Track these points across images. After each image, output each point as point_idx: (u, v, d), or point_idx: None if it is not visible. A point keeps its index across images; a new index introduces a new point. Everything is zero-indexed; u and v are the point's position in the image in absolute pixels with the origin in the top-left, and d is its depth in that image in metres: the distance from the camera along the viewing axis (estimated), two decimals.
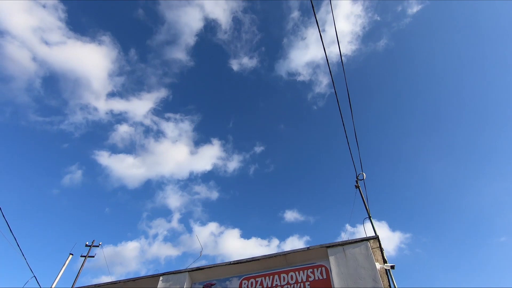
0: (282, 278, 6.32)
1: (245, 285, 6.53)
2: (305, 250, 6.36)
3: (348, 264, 5.76)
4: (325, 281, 5.91)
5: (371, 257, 5.68)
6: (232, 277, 6.82)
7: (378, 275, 5.40)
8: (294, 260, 6.45)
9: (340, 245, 6.11)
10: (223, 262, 6.99)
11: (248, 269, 6.74)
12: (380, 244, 6.06)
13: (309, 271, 6.20)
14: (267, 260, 6.61)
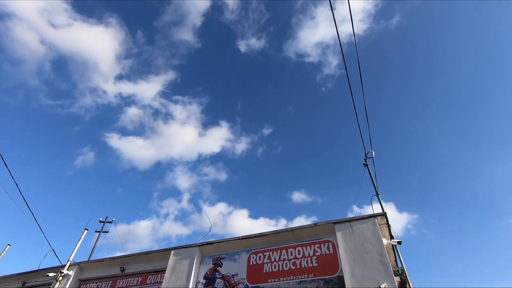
0: (289, 253, 6.48)
1: (253, 259, 6.72)
2: (312, 226, 6.45)
3: (355, 239, 5.84)
4: (331, 256, 6.03)
5: (378, 233, 5.74)
6: (240, 251, 7.02)
7: (385, 250, 5.47)
8: (301, 236, 6.57)
9: (348, 221, 6.17)
10: (232, 237, 7.18)
11: (257, 243, 6.91)
12: (387, 221, 6.10)
13: (316, 246, 6.33)
14: (275, 235, 6.75)
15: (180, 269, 7.06)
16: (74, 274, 8.61)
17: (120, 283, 8.12)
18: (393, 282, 5.01)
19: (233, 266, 6.80)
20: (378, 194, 7.27)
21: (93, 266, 8.82)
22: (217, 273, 6.86)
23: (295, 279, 5.97)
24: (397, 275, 5.97)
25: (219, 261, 7.08)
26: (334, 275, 5.71)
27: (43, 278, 9.16)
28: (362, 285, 5.15)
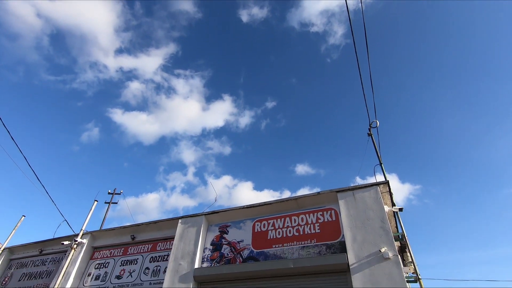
0: (293, 220, 6.67)
1: (258, 226, 6.96)
2: (315, 194, 6.58)
3: (357, 206, 5.97)
4: (334, 222, 6.21)
5: (380, 200, 5.84)
6: (245, 220, 7.25)
7: (386, 217, 5.60)
8: (304, 204, 6.72)
9: (350, 190, 6.27)
10: (237, 206, 7.38)
11: (261, 212, 7.11)
12: (389, 189, 6.18)
13: (319, 214, 6.49)
14: (279, 204, 6.92)
15: (188, 236, 7.36)
16: (88, 242, 9.05)
17: (131, 250, 8.54)
18: (393, 247, 5.18)
19: (239, 233, 7.07)
20: (381, 164, 7.31)
21: (105, 235, 9.23)
22: (223, 240, 7.15)
23: (298, 245, 6.20)
24: (397, 240, 6.16)
25: (225, 228, 7.35)
26: (336, 241, 5.91)
27: (59, 246, 9.64)
28: (363, 249, 5.34)
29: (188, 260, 6.87)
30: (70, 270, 8.46)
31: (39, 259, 10.14)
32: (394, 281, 4.80)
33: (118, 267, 8.31)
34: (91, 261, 8.95)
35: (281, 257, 6.15)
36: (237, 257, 6.65)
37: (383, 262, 5.04)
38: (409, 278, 5.72)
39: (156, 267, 7.71)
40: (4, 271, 10.70)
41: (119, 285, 7.87)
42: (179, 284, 6.53)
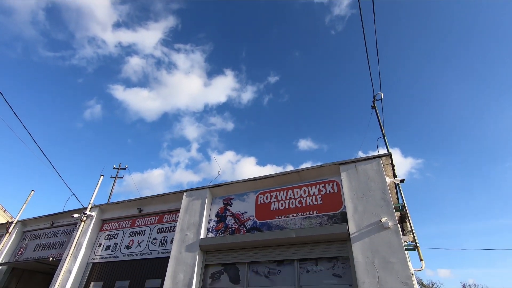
0: (295, 192, 6.79)
1: (261, 199, 7.11)
2: (317, 167, 6.64)
3: (359, 178, 6.03)
4: (336, 194, 6.31)
5: (382, 172, 5.89)
6: (249, 192, 7.39)
7: (387, 188, 5.67)
8: (307, 177, 6.80)
9: (352, 162, 6.31)
10: (241, 179, 7.50)
11: (264, 185, 7.23)
12: (392, 161, 6.20)
13: (321, 186, 6.59)
14: (282, 177, 7.01)
15: (193, 208, 7.56)
16: (96, 215, 9.35)
17: (139, 222, 8.83)
18: (393, 217, 5.30)
19: (242, 205, 7.24)
20: (384, 136, 7.28)
21: (113, 208, 9.51)
22: (227, 212, 7.34)
23: (301, 216, 6.36)
24: (397, 210, 6.29)
25: (229, 201, 7.52)
26: (337, 211, 6.04)
27: (69, 219, 9.99)
28: (363, 219, 5.48)
29: (194, 231, 7.12)
30: (82, 241, 8.82)
31: (51, 231, 10.56)
32: (393, 249, 4.96)
33: (127, 238, 8.65)
34: (100, 232, 9.30)
35: (283, 227, 6.34)
36: (241, 227, 6.87)
37: (383, 231, 5.18)
38: (407, 246, 5.91)
39: (164, 237, 8.01)
40: (18, 243, 11.20)
41: (129, 254, 8.23)
42: (186, 253, 6.81)
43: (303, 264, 5.85)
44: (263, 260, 6.22)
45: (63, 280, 8.15)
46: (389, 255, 4.94)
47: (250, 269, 6.28)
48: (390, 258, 4.91)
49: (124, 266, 8.08)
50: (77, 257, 8.49)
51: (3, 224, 12.46)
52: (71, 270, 8.27)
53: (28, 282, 11.22)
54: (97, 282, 8.22)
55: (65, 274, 8.24)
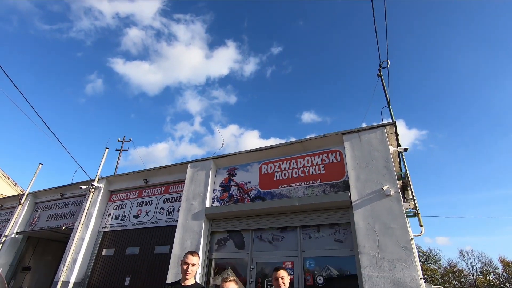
0: (298, 162, 6.85)
1: (264, 169, 7.19)
2: (321, 137, 6.62)
3: (362, 147, 6.03)
4: (338, 164, 6.36)
5: (385, 141, 5.87)
6: (252, 163, 7.46)
7: (391, 157, 5.68)
8: (310, 147, 6.81)
9: (356, 132, 6.28)
10: (244, 150, 7.54)
11: (267, 155, 7.28)
12: (396, 130, 6.15)
13: (324, 156, 6.62)
14: (285, 147, 7.03)
15: (197, 179, 7.70)
16: (104, 186, 9.59)
17: (145, 193, 9.06)
18: (395, 184, 5.36)
19: (246, 175, 7.35)
20: (389, 105, 7.17)
21: (119, 180, 9.72)
22: (231, 182, 7.48)
23: (303, 185, 6.46)
24: (400, 179, 6.35)
25: (233, 171, 7.62)
26: (340, 180, 6.12)
27: (78, 190, 10.27)
28: (365, 187, 5.55)
29: (199, 200, 7.30)
30: (91, 211, 9.14)
31: (62, 202, 10.92)
32: (394, 215, 5.07)
33: (135, 208, 8.93)
34: (109, 203, 9.60)
35: (287, 196, 6.47)
36: (245, 197, 7.03)
37: (385, 198, 5.27)
38: (408, 213, 6.04)
39: (170, 207, 8.26)
40: (31, 213, 11.65)
41: (137, 223, 8.55)
42: (192, 222, 7.05)
43: (306, 231, 6.04)
44: (267, 227, 6.43)
45: (77, 247, 8.56)
46: (389, 221, 5.06)
47: (254, 235, 6.52)
48: (390, 224, 5.04)
49: (134, 234, 8.43)
50: (88, 226, 8.84)
51: (15, 196, 12.89)
52: (84, 238, 8.65)
53: (43, 250, 11.82)
54: (109, 249, 8.63)
55: (78, 242, 8.64)
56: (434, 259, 40.90)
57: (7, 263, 10.51)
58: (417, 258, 4.99)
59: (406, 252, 4.72)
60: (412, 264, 4.62)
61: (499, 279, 37.10)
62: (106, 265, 8.35)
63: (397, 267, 4.68)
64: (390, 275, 4.67)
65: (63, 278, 8.10)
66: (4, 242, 10.76)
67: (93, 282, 8.21)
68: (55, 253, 11.90)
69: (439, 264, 40.79)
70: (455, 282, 38.80)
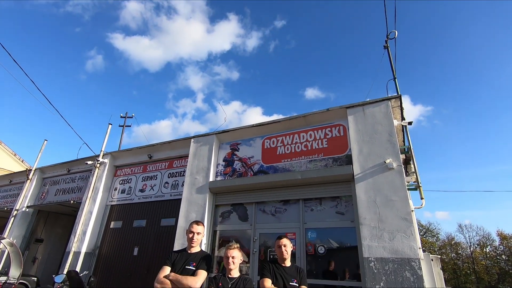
0: (301, 137, 6.84)
1: (267, 143, 7.21)
2: (324, 111, 6.55)
3: (366, 121, 5.98)
4: (342, 138, 6.34)
5: (390, 115, 5.80)
6: (255, 137, 7.47)
7: (394, 130, 5.64)
8: (313, 121, 6.77)
9: (360, 105, 6.19)
10: (247, 125, 7.52)
11: (270, 130, 7.26)
12: (401, 103, 6.06)
13: (327, 130, 6.59)
14: (288, 121, 6.99)
15: (201, 154, 7.76)
16: (109, 162, 9.72)
17: (150, 168, 9.19)
18: (398, 158, 5.36)
19: (249, 150, 7.38)
20: (395, 78, 7.00)
21: (124, 155, 9.83)
22: (234, 156, 7.53)
23: (306, 159, 6.49)
24: (403, 153, 6.35)
25: (235, 146, 7.66)
26: (342, 154, 6.13)
27: (84, 165, 10.44)
28: (368, 161, 5.57)
29: (203, 174, 7.40)
30: (98, 186, 9.34)
31: (69, 177, 11.15)
32: (395, 188, 5.13)
33: (140, 182, 9.10)
34: (115, 178, 9.78)
35: (289, 170, 6.53)
36: (248, 171, 7.10)
37: (387, 171, 5.30)
38: (410, 186, 6.10)
39: (175, 181, 8.40)
40: (40, 188, 11.94)
41: (143, 197, 8.75)
42: (196, 195, 7.19)
43: (308, 203, 6.16)
44: (269, 200, 6.56)
45: (86, 220, 8.85)
46: (391, 194, 5.13)
47: (257, 208, 6.67)
48: (391, 197, 5.11)
49: (140, 207, 8.66)
50: (95, 200, 9.08)
51: (23, 171, 13.16)
52: (92, 211, 8.91)
53: (54, 223, 12.26)
54: (117, 221, 8.91)
55: (87, 215, 8.92)
56: (433, 233, 41.94)
57: (20, 235, 10.95)
58: (416, 229, 5.10)
59: (406, 223, 4.82)
60: (411, 234, 4.73)
61: (496, 251, 38.16)
62: (114, 237, 8.67)
63: (397, 237, 4.80)
64: (389, 244, 4.80)
65: (74, 248, 8.45)
66: (16, 216, 11.14)
67: (103, 252, 8.57)
68: (65, 225, 12.35)
69: (437, 237, 41.88)
70: (452, 254, 40.01)
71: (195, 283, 2.73)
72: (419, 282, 4.41)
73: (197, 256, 2.99)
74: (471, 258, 38.13)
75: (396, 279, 4.56)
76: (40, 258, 11.63)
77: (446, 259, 37.92)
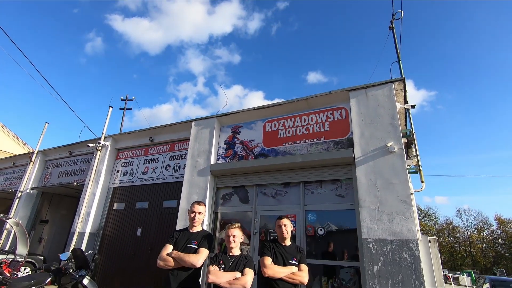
0: (303, 120, 6.80)
1: (268, 126, 7.18)
2: (326, 94, 6.48)
3: (368, 104, 5.92)
4: (343, 121, 6.30)
5: (392, 98, 5.73)
6: (256, 120, 7.43)
7: (397, 114, 5.59)
8: (315, 104, 6.71)
9: (363, 88, 6.11)
10: (248, 108, 7.47)
11: (271, 113, 7.21)
12: (404, 86, 5.97)
13: (329, 113, 6.54)
14: (289, 104, 6.93)
15: (202, 137, 7.76)
16: (111, 144, 9.76)
17: (151, 150, 9.23)
18: (399, 141, 5.34)
19: (250, 133, 7.37)
20: (399, 60, 6.87)
21: (125, 138, 9.85)
22: (236, 140, 7.53)
23: (307, 142, 6.49)
24: (404, 136, 6.32)
25: (237, 129, 7.64)
26: (344, 138, 6.12)
27: (85, 148, 10.49)
28: (369, 144, 5.56)
29: (204, 157, 7.43)
30: (100, 168, 9.42)
31: (71, 160, 11.23)
32: (396, 171, 5.14)
33: (142, 165, 9.16)
34: (117, 160, 9.84)
35: (290, 153, 6.54)
36: (249, 154, 7.12)
37: (388, 155, 5.30)
38: (410, 170, 6.12)
39: (176, 164, 8.46)
40: (43, 170, 12.07)
41: (145, 179, 8.84)
42: (198, 178, 7.25)
43: (308, 186, 6.20)
44: (270, 183, 6.61)
45: (89, 202, 8.99)
46: (391, 177, 5.15)
47: (258, 190, 6.73)
48: (392, 180, 5.13)
49: (142, 190, 8.76)
50: (98, 182, 9.18)
51: (26, 154, 13.26)
52: (95, 193, 9.04)
53: (58, 205, 12.47)
54: (120, 203, 9.05)
55: (90, 197, 9.04)
56: (431, 217, 42.55)
57: (26, 216, 11.17)
58: (415, 212, 5.16)
59: (406, 206, 4.86)
60: (410, 216, 4.79)
61: (493, 235, 38.80)
62: (118, 218, 8.83)
63: (396, 219, 4.86)
64: (388, 226, 4.87)
65: (78, 229, 8.63)
66: (21, 197, 11.32)
67: (107, 232, 8.76)
68: (69, 207, 12.57)
69: (436, 221, 42.51)
70: (449, 237, 40.73)
71: (197, 261, 2.79)
72: (416, 263, 4.50)
73: (199, 235, 3.05)
74: (468, 242, 38.84)
75: (394, 259, 4.65)
76: (46, 238, 11.91)
77: (443, 243, 38.66)
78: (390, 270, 4.62)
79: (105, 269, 8.25)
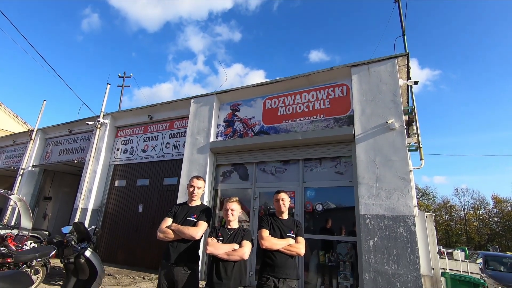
0: (303, 97, 6.70)
1: (268, 104, 7.09)
2: (328, 70, 6.33)
3: (370, 81, 5.80)
4: (344, 98, 6.20)
5: (395, 74, 5.60)
6: (256, 98, 7.33)
7: (399, 90, 5.48)
8: (316, 80, 6.57)
9: (365, 64, 5.96)
10: (248, 85, 7.34)
11: (271, 90, 7.09)
12: (408, 61, 5.82)
13: (330, 90, 6.43)
14: (290, 81, 6.80)
15: (201, 114, 7.69)
16: (110, 122, 9.70)
17: (151, 128, 9.19)
18: (401, 118, 5.28)
19: (250, 111, 7.29)
20: (404, 35, 6.65)
21: (124, 116, 9.78)
22: (235, 117, 7.46)
23: (307, 119, 6.42)
24: (406, 113, 6.25)
25: (236, 106, 7.55)
26: (344, 115, 6.05)
27: (85, 126, 10.45)
28: (370, 121, 5.50)
29: (204, 135, 7.40)
30: (100, 146, 9.43)
31: (71, 138, 11.23)
32: (396, 148, 5.12)
33: (141, 143, 9.16)
34: (116, 138, 9.83)
35: (290, 131, 6.50)
36: (249, 131, 7.08)
37: (389, 132, 5.25)
38: (410, 147, 6.10)
39: (176, 141, 8.45)
40: (44, 148, 12.10)
41: (145, 157, 8.87)
42: (198, 155, 7.26)
43: (308, 163, 6.22)
44: (270, 160, 6.62)
45: (91, 179, 9.08)
46: (391, 154, 5.13)
47: (257, 168, 6.76)
48: (391, 157, 5.12)
49: (143, 167, 8.82)
50: (99, 159, 9.22)
51: (25, 132, 13.24)
52: (96, 170, 9.10)
53: (60, 182, 12.61)
54: (121, 180, 9.14)
55: (91, 174, 9.12)
56: (429, 196, 43.14)
57: (29, 193, 11.33)
58: (413, 188, 5.20)
59: (404, 182, 4.89)
60: (408, 193, 4.82)
61: (489, 213, 39.51)
62: (119, 195, 8.95)
63: (394, 196, 4.90)
64: (385, 203, 4.92)
65: (81, 205, 8.78)
66: (23, 175, 11.44)
67: (110, 209, 8.92)
68: (72, 184, 12.72)
69: (433, 200, 43.15)
70: (446, 216, 41.52)
71: (196, 233, 2.83)
72: (412, 237, 4.59)
73: (198, 209, 3.07)
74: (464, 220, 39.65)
75: (390, 234, 4.74)
76: (50, 214, 12.16)
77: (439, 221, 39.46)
78: (386, 244, 4.72)
79: (109, 243, 8.48)
